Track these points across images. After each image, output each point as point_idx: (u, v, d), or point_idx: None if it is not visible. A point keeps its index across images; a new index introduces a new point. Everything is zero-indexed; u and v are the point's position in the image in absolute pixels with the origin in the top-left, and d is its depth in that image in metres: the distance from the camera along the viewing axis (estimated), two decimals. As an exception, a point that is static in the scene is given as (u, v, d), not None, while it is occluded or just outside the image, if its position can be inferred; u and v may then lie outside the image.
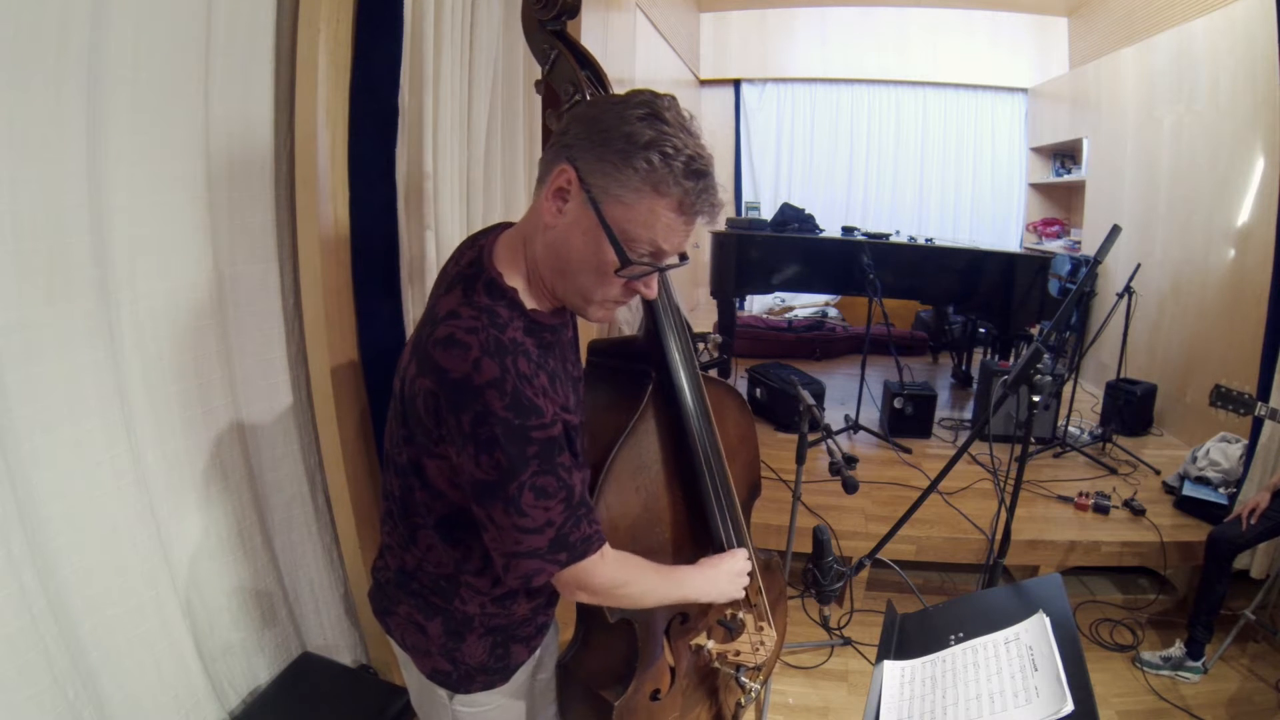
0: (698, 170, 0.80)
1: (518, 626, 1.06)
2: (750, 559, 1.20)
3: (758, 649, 1.26)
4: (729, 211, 6.20)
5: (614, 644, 1.24)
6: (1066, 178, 5.70)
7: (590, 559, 0.90)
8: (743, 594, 1.17)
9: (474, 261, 0.91)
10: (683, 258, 0.88)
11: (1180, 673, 2.28)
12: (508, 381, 0.80)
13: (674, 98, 0.84)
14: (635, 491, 1.13)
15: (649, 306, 1.14)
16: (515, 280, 0.90)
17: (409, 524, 0.98)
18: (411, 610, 1.03)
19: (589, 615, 1.28)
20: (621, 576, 0.96)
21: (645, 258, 0.84)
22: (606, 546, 0.93)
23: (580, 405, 1.04)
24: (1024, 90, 6.11)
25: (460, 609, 1.00)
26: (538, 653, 1.14)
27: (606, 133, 0.80)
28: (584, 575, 0.91)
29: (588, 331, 1.52)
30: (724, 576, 1.12)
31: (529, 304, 0.90)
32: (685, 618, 1.27)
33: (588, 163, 0.81)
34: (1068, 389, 3.60)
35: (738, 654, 1.26)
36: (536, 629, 1.11)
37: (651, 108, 0.81)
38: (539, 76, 1.19)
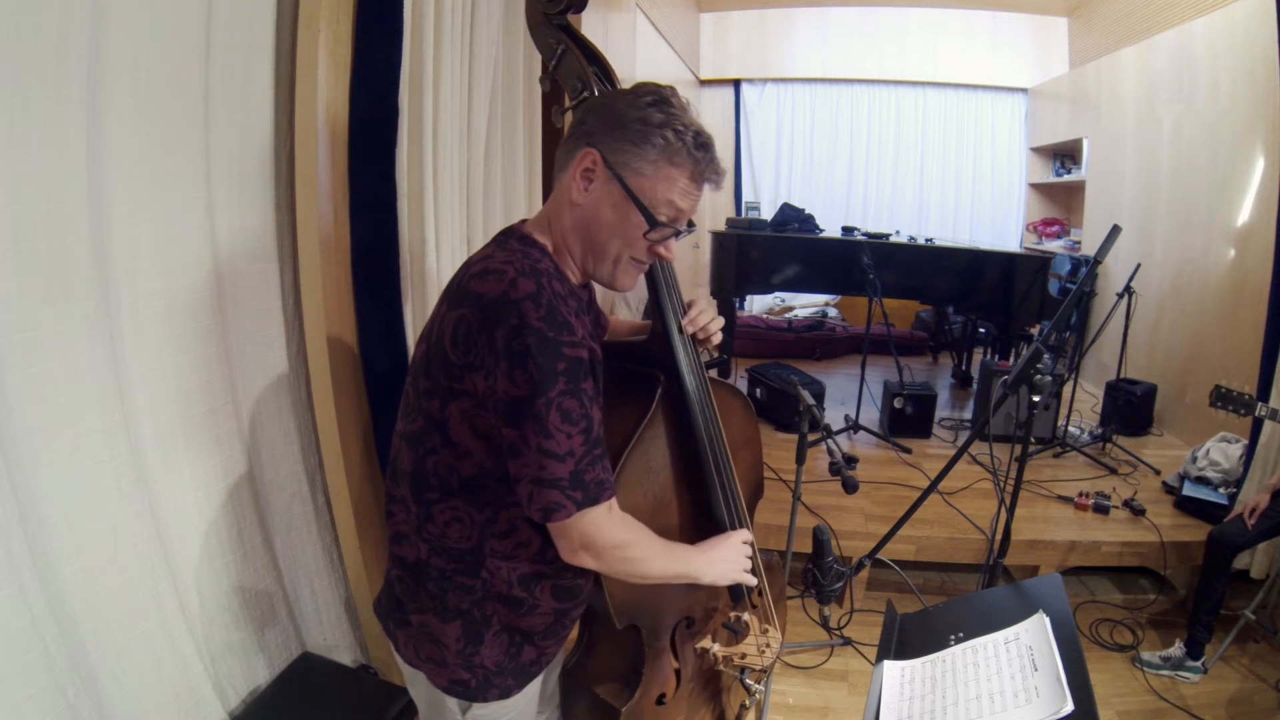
0: (704, 143, 0.95)
1: (540, 632, 1.05)
2: (752, 544, 1.19)
3: (763, 651, 1.26)
4: (729, 211, 6.20)
5: (619, 648, 1.24)
6: (1066, 178, 5.70)
7: (600, 507, 0.91)
8: (743, 575, 1.15)
9: (503, 231, 1.02)
10: (690, 225, 1.00)
11: (1180, 673, 2.28)
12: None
13: (674, 88, 0.97)
14: (644, 496, 1.12)
15: (658, 309, 1.14)
16: (545, 242, 0.99)
17: (422, 502, 0.98)
18: (426, 617, 1.02)
19: (595, 619, 1.28)
20: (626, 536, 0.96)
21: (666, 220, 0.95)
22: (615, 501, 0.94)
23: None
24: (1024, 90, 6.11)
25: (486, 585, 0.99)
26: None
27: (622, 117, 0.93)
28: (591, 527, 0.91)
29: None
30: (724, 557, 1.11)
31: (556, 262, 0.98)
32: (691, 621, 1.27)
33: (608, 144, 0.93)
34: (1068, 389, 3.60)
35: (743, 656, 1.26)
36: (554, 636, 1.09)
37: (658, 94, 0.95)
38: (541, 73, 1.18)
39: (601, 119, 0.95)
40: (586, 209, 0.96)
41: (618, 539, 0.95)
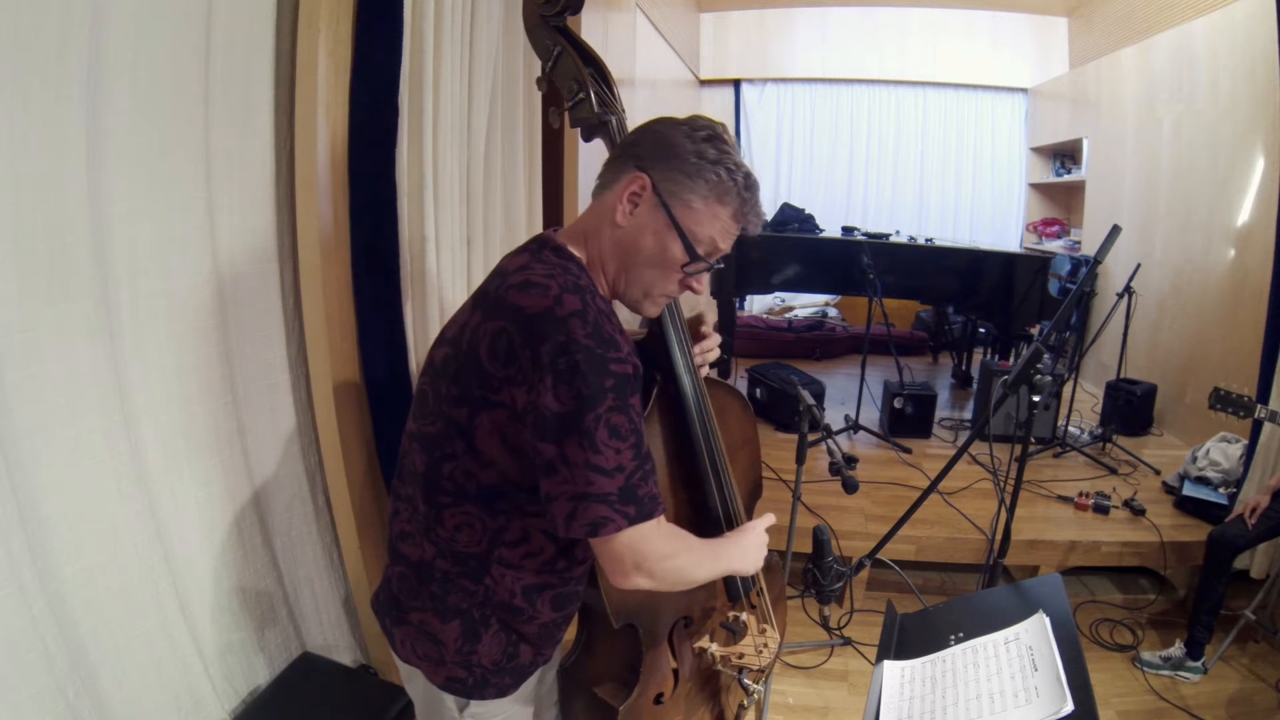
0: (752, 185, 0.97)
1: (536, 636, 1.05)
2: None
3: (761, 651, 1.26)
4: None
5: (617, 648, 1.24)
6: (1066, 178, 5.70)
7: (652, 523, 0.90)
8: (763, 566, 1.18)
9: (535, 239, 1.01)
10: (720, 261, 1.01)
11: (1180, 673, 2.28)
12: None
13: (725, 125, 0.98)
14: None
15: None
16: (579, 255, 0.99)
17: (433, 504, 0.97)
18: (425, 616, 1.02)
19: (592, 618, 1.28)
20: (672, 547, 0.96)
21: (704, 255, 0.97)
22: (663, 515, 0.93)
23: None
24: (1024, 90, 6.10)
25: (488, 591, 0.99)
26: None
27: (677, 148, 0.94)
28: (642, 542, 0.90)
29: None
30: (753, 546, 1.13)
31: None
32: (689, 621, 1.27)
33: (661, 173, 0.94)
34: (1068, 389, 3.60)
35: (741, 656, 1.26)
36: (550, 640, 1.10)
37: (713, 131, 0.96)
38: (539, 74, 1.18)
39: (656, 145, 0.95)
40: (628, 232, 0.96)
41: (666, 550, 0.94)
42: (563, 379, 0.83)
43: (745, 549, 1.11)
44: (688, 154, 0.93)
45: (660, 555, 0.92)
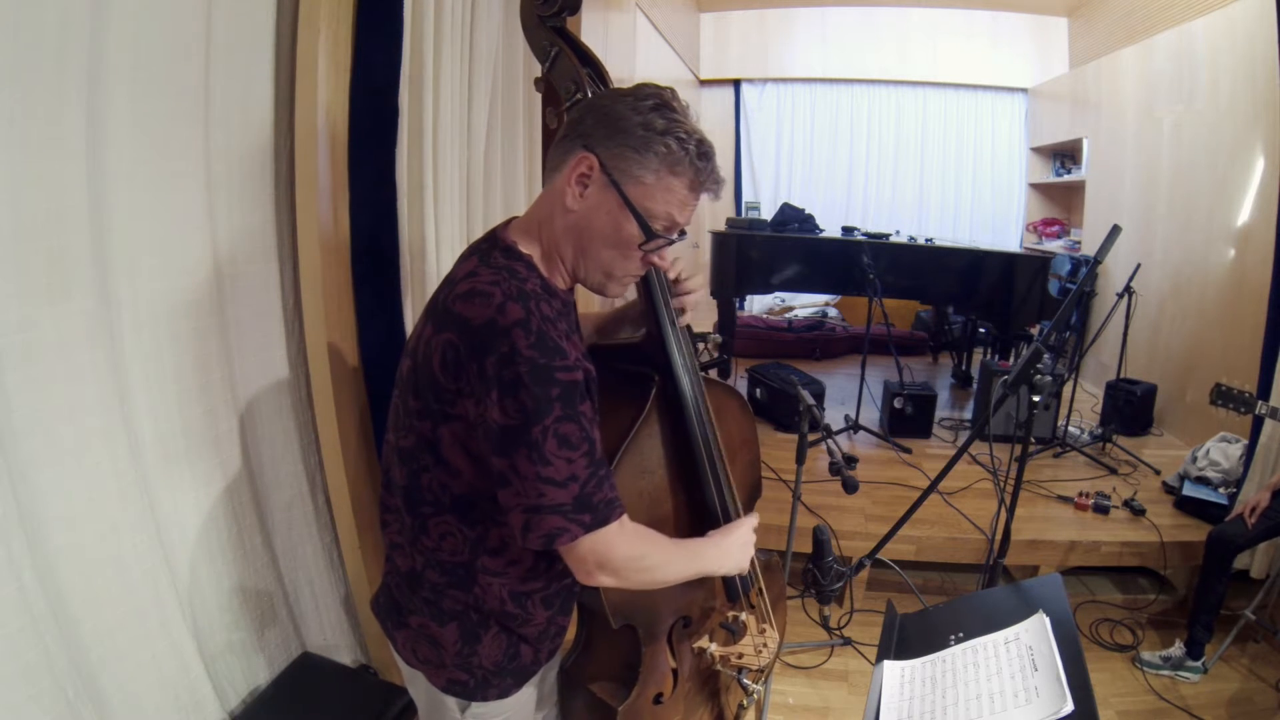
0: (705, 153, 0.91)
1: (536, 636, 1.05)
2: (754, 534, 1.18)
3: (760, 651, 1.26)
4: (729, 211, 6.21)
5: (616, 647, 1.23)
6: (1066, 178, 5.70)
7: (612, 526, 0.89)
8: (749, 566, 1.16)
9: (487, 238, 0.98)
10: (682, 233, 0.97)
11: (1180, 673, 2.28)
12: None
13: (674, 90, 0.93)
14: (638, 497, 1.12)
15: (652, 309, 1.14)
16: (531, 251, 0.95)
17: (417, 515, 0.97)
18: (424, 620, 1.02)
19: (591, 618, 1.28)
20: (640, 549, 0.95)
21: (662, 230, 0.92)
22: (626, 516, 0.92)
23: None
24: (1024, 90, 6.11)
25: (478, 600, 0.99)
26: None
27: (623, 121, 0.88)
28: (605, 546, 0.89)
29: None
30: (735, 546, 1.11)
31: (543, 272, 0.95)
32: (688, 621, 1.27)
33: (607, 149, 0.89)
34: (1068, 389, 3.60)
35: (740, 656, 1.26)
36: (549, 638, 1.10)
37: (660, 99, 0.91)
38: (539, 74, 1.18)
39: (600, 121, 0.90)
40: (580, 215, 0.92)
41: (632, 552, 0.93)
42: (507, 392, 0.81)
43: (725, 549, 1.09)
44: (634, 127, 0.88)
45: (625, 557, 0.92)
